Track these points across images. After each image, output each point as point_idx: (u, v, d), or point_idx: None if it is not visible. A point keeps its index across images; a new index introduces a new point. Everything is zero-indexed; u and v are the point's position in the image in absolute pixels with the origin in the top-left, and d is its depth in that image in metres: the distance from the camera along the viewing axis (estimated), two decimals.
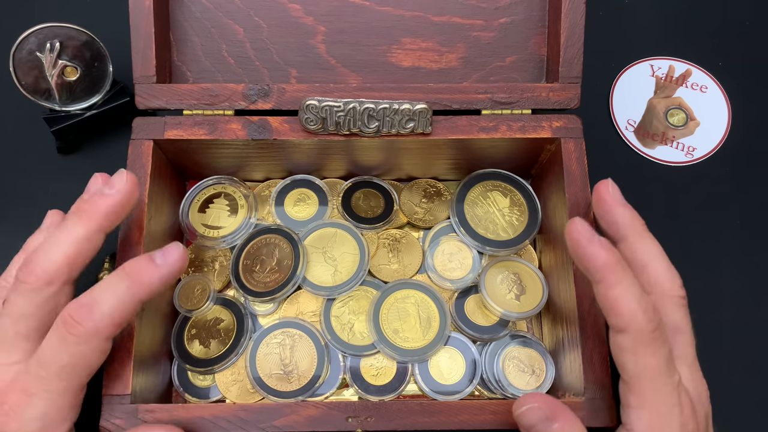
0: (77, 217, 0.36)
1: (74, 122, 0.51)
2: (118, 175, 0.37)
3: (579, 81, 0.45)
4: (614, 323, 0.34)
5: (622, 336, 0.34)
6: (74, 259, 0.35)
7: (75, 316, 0.33)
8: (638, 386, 0.34)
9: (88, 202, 0.37)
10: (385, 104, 0.43)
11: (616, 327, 0.34)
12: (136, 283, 0.35)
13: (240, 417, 0.37)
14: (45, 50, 0.47)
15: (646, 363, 0.34)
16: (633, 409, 0.35)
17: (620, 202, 0.40)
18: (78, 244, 0.35)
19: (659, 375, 0.34)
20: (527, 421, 0.35)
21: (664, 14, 0.62)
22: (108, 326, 0.34)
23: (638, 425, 0.34)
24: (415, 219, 0.49)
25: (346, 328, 0.45)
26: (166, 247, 0.37)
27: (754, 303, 0.52)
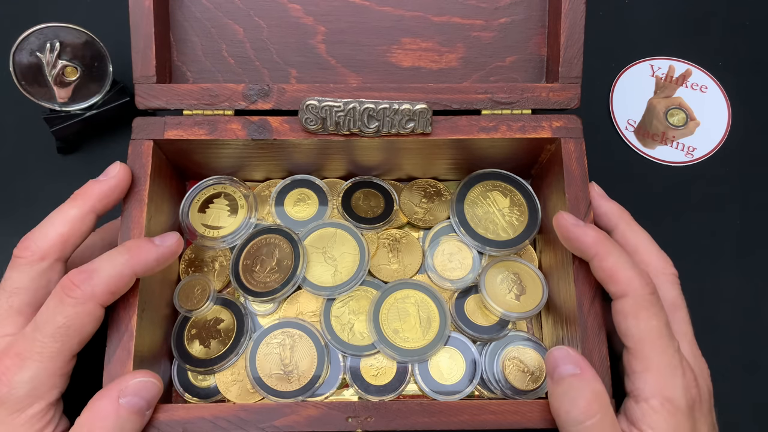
0: (72, 200, 0.39)
1: (74, 122, 0.51)
2: (113, 165, 0.40)
3: (579, 81, 0.45)
4: (614, 290, 0.37)
5: (622, 301, 0.37)
6: (67, 237, 0.38)
7: (74, 280, 0.35)
8: (642, 350, 0.36)
9: (83, 187, 0.40)
10: (385, 104, 0.43)
11: (616, 293, 0.37)
12: (135, 256, 0.37)
13: (240, 417, 0.37)
14: (45, 50, 0.47)
15: (648, 325, 0.36)
16: (638, 374, 0.36)
17: (605, 197, 0.43)
18: (71, 223, 0.38)
19: (660, 337, 0.36)
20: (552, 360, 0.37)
21: (664, 14, 0.62)
22: (104, 292, 0.36)
23: (644, 389, 0.35)
24: (415, 219, 0.49)
25: (346, 328, 0.45)
26: (165, 234, 0.40)
27: (754, 303, 0.52)
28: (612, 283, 0.37)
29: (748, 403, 0.49)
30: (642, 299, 0.36)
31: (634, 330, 0.36)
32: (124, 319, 0.38)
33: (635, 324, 0.36)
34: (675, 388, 0.35)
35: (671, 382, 0.35)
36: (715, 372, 0.40)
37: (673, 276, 0.41)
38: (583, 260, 0.40)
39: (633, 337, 0.36)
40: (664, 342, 0.36)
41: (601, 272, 0.38)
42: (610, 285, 0.37)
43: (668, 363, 0.36)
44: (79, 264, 0.41)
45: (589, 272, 0.40)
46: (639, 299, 0.36)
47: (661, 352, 0.36)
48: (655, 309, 0.36)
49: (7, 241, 0.51)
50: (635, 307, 0.36)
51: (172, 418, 0.37)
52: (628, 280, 0.37)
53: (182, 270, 0.47)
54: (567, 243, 0.40)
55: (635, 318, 0.36)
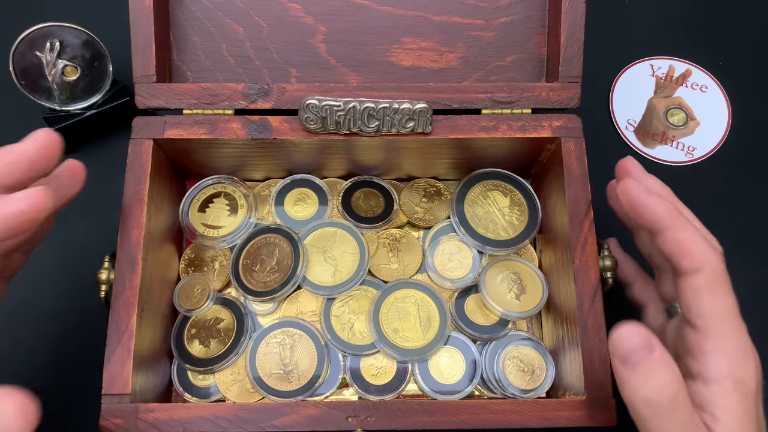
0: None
1: (74, 122, 0.51)
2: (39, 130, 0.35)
3: (579, 81, 0.45)
4: (688, 265, 0.34)
5: (696, 277, 0.34)
6: None
7: None
8: (715, 328, 0.34)
9: None
10: (385, 104, 0.43)
11: (690, 268, 0.34)
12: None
13: (240, 417, 0.37)
14: (45, 50, 0.47)
15: (724, 303, 0.34)
16: (709, 354, 0.33)
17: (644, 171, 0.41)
18: None
19: (735, 316, 0.34)
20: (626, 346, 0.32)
21: (664, 14, 0.62)
22: None
23: (715, 369, 0.33)
24: (415, 219, 0.49)
25: (346, 328, 0.45)
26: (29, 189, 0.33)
27: (754, 303, 0.52)
28: (686, 257, 0.34)
29: None
30: (718, 275, 0.34)
31: (709, 307, 0.34)
32: (124, 319, 0.38)
33: (711, 300, 0.34)
34: (748, 371, 0.33)
35: (744, 364, 0.33)
36: None
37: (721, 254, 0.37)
38: (583, 260, 0.40)
39: (706, 314, 0.34)
40: (738, 322, 0.34)
41: (674, 245, 0.35)
42: (683, 259, 0.34)
43: (742, 344, 0.33)
44: None
45: (589, 272, 0.40)
46: (716, 275, 0.34)
47: (736, 332, 0.34)
48: (729, 287, 0.34)
49: None
50: (711, 282, 0.34)
51: (172, 418, 0.37)
52: (705, 254, 0.34)
53: (182, 270, 0.47)
54: (635, 213, 0.36)
55: (711, 294, 0.34)
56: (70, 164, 0.37)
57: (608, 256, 0.42)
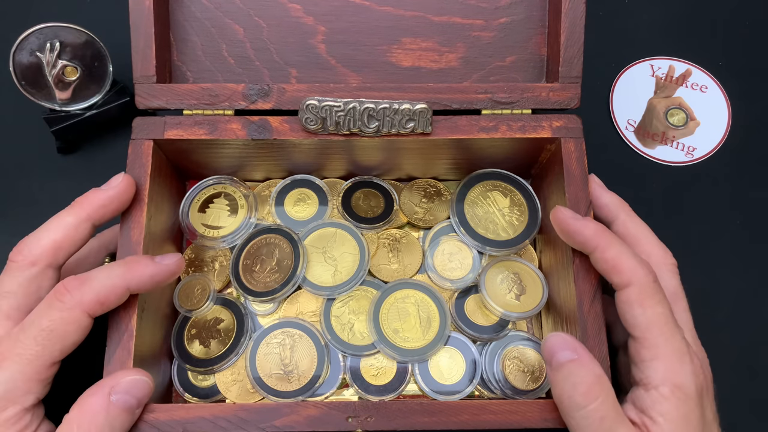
0: (70, 207, 0.39)
1: (74, 122, 0.51)
2: (117, 175, 0.40)
3: (579, 81, 0.45)
4: (618, 281, 0.37)
5: (627, 291, 0.37)
6: (60, 243, 0.38)
7: (67, 285, 0.35)
8: (649, 338, 0.36)
9: (83, 195, 0.39)
10: (385, 104, 0.43)
11: (620, 284, 0.37)
12: (130, 271, 0.37)
13: (240, 417, 0.37)
14: (45, 50, 0.47)
15: (654, 312, 0.36)
16: (647, 362, 0.36)
17: (604, 188, 0.43)
18: (65, 230, 0.38)
19: (667, 324, 0.36)
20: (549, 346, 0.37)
21: (664, 14, 0.62)
22: (92, 301, 0.35)
23: (654, 376, 0.35)
24: (415, 219, 0.49)
25: (346, 328, 0.45)
26: (167, 254, 0.40)
27: (754, 303, 0.52)
28: (615, 273, 0.37)
29: (748, 402, 0.49)
30: (647, 287, 0.36)
31: (641, 318, 0.36)
32: (124, 319, 0.38)
33: (641, 312, 0.36)
34: (684, 375, 0.35)
35: (680, 369, 0.35)
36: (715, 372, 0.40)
37: (672, 265, 0.41)
38: (584, 260, 0.40)
39: (640, 325, 0.36)
40: (670, 329, 0.36)
41: (604, 263, 0.38)
42: (613, 275, 0.37)
43: (677, 350, 0.36)
44: (74, 271, 0.41)
45: (589, 272, 0.40)
46: (644, 287, 0.36)
47: (669, 339, 0.36)
48: (660, 296, 0.37)
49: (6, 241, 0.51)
50: (640, 295, 0.36)
51: (172, 418, 0.37)
52: (632, 269, 0.37)
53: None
54: (566, 237, 0.40)
55: (641, 306, 0.36)
56: None
57: None
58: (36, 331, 0.34)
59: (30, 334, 0.34)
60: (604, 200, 0.43)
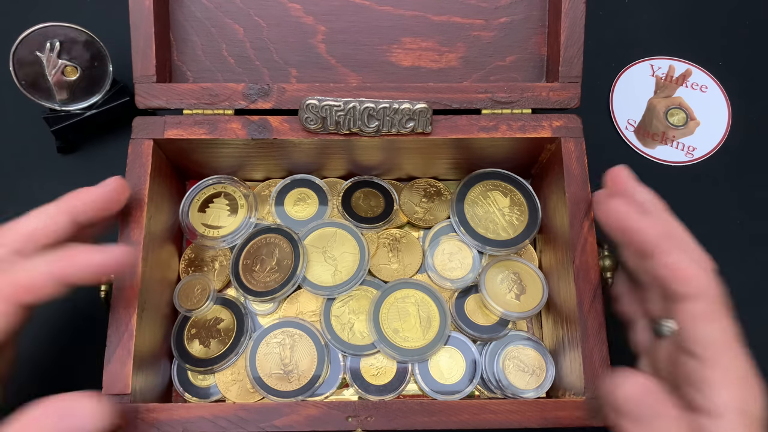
0: (55, 201, 0.38)
1: (74, 122, 0.51)
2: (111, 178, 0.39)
3: (579, 81, 0.45)
4: (682, 291, 0.33)
5: (693, 304, 0.33)
6: (33, 231, 0.36)
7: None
8: (716, 358, 0.32)
9: (72, 191, 0.38)
10: (385, 104, 0.43)
11: (684, 295, 0.33)
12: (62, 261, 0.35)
13: (240, 417, 0.37)
14: (45, 50, 0.47)
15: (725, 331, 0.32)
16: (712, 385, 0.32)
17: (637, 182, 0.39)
18: (43, 219, 0.36)
19: (736, 344, 0.32)
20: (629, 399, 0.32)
21: (664, 14, 0.62)
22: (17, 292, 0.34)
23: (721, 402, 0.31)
24: (415, 219, 0.49)
25: (346, 328, 0.45)
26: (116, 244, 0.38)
27: (754, 303, 0.52)
28: (680, 283, 0.33)
29: None
30: (718, 302, 0.32)
31: (707, 336, 0.32)
32: (124, 319, 0.38)
33: (712, 328, 0.32)
34: (752, 401, 0.32)
35: (748, 394, 0.32)
36: None
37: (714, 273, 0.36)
38: (583, 260, 0.40)
39: (706, 344, 0.32)
40: (739, 351, 0.32)
41: (664, 269, 0.33)
42: (676, 284, 0.33)
43: (744, 373, 0.32)
44: None
45: (589, 272, 0.40)
46: (715, 302, 0.32)
47: (737, 361, 0.32)
48: (728, 313, 0.33)
49: None
50: (711, 310, 0.32)
51: (172, 418, 0.37)
52: (699, 279, 0.33)
53: (182, 270, 0.47)
54: (622, 235, 0.35)
55: (712, 321, 0.32)
56: None
57: (608, 256, 0.42)
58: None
59: None
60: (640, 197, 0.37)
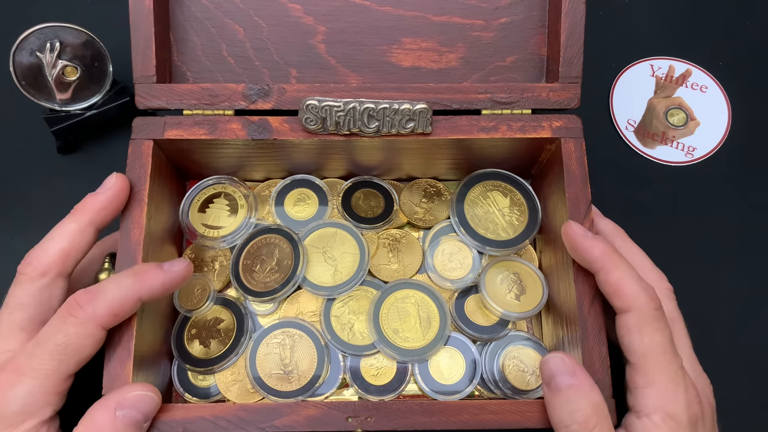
0: (72, 215, 0.39)
1: (74, 122, 0.51)
2: (109, 177, 0.40)
3: (579, 81, 0.45)
4: (618, 305, 0.37)
5: (626, 316, 0.36)
6: (67, 252, 0.38)
7: (79, 300, 0.36)
8: (645, 365, 0.36)
9: (81, 201, 0.40)
10: (385, 104, 0.43)
11: (620, 308, 0.37)
12: (141, 281, 0.37)
13: (240, 417, 0.37)
14: (45, 50, 0.47)
15: (651, 340, 0.36)
16: (640, 389, 0.36)
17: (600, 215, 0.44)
18: (71, 237, 0.38)
19: (664, 353, 0.36)
20: (548, 369, 0.37)
21: (664, 14, 0.62)
22: (106, 314, 0.36)
23: (646, 404, 0.35)
24: (415, 219, 0.49)
25: (346, 328, 0.45)
26: (174, 260, 0.40)
27: (754, 303, 0.52)
28: (617, 297, 0.37)
29: (748, 402, 0.49)
30: (647, 314, 0.36)
31: (637, 345, 0.36)
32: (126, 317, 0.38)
33: (639, 339, 0.36)
34: (677, 405, 0.35)
35: (673, 398, 0.35)
36: (714, 373, 0.40)
37: (668, 290, 0.41)
38: None
39: (636, 352, 0.36)
40: (667, 358, 0.36)
41: (607, 286, 0.37)
42: (614, 299, 0.37)
43: (671, 379, 0.35)
44: (80, 278, 0.41)
45: (590, 273, 0.40)
46: (643, 315, 0.36)
47: (664, 368, 0.35)
48: (659, 324, 0.36)
49: (7, 241, 0.51)
50: (639, 322, 0.36)
51: (172, 418, 0.37)
52: (634, 295, 0.36)
53: None
54: (574, 253, 0.40)
55: (639, 333, 0.36)
56: None
57: None
58: (51, 347, 0.35)
59: (46, 349, 0.35)
60: (599, 227, 0.43)
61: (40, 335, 0.35)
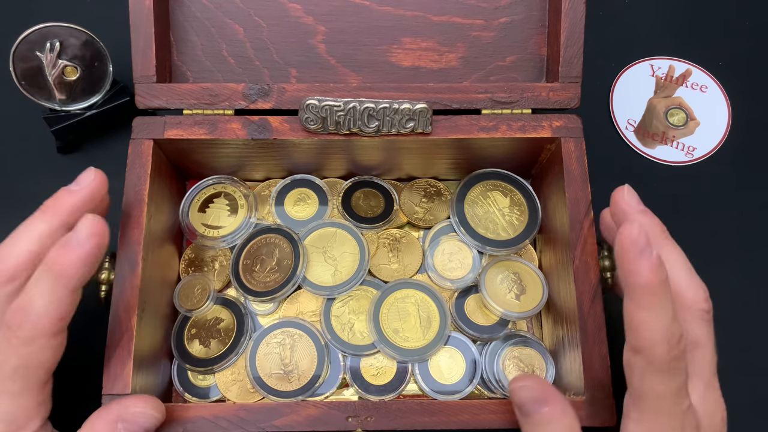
0: (41, 213, 0.36)
1: (74, 122, 0.51)
2: (85, 172, 0.37)
3: (579, 81, 0.45)
4: (632, 342, 0.33)
5: (635, 356, 0.33)
6: (37, 254, 0.34)
7: (13, 320, 0.32)
8: (642, 404, 0.33)
9: (53, 198, 0.36)
10: (385, 104, 0.43)
11: (633, 346, 0.33)
12: (59, 274, 0.33)
13: (240, 417, 0.37)
14: (45, 50, 0.47)
15: (653, 388, 0.33)
16: (633, 421, 0.34)
17: (639, 209, 0.38)
18: (41, 239, 0.35)
19: (665, 400, 0.33)
20: (518, 398, 0.35)
21: (664, 14, 0.62)
22: (47, 324, 0.32)
23: None
24: (415, 219, 0.49)
25: (346, 328, 0.45)
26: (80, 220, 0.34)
27: (754, 303, 0.52)
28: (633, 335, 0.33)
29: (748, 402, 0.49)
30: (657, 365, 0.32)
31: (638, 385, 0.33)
32: (124, 319, 0.38)
33: (640, 381, 0.33)
34: None
35: None
36: None
37: (703, 312, 0.36)
38: (583, 260, 0.40)
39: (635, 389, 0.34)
40: (668, 405, 0.33)
41: (630, 318, 0.33)
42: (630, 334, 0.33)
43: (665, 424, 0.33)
44: None
45: (589, 272, 0.40)
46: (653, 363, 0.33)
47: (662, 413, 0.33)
48: (669, 375, 0.33)
49: None
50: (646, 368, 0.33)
51: (172, 418, 0.37)
52: (652, 343, 0.32)
53: (182, 270, 0.47)
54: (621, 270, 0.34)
55: (641, 377, 0.33)
56: None
57: (608, 256, 0.42)
58: (10, 371, 0.32)
59: (6, 374, 0.32)
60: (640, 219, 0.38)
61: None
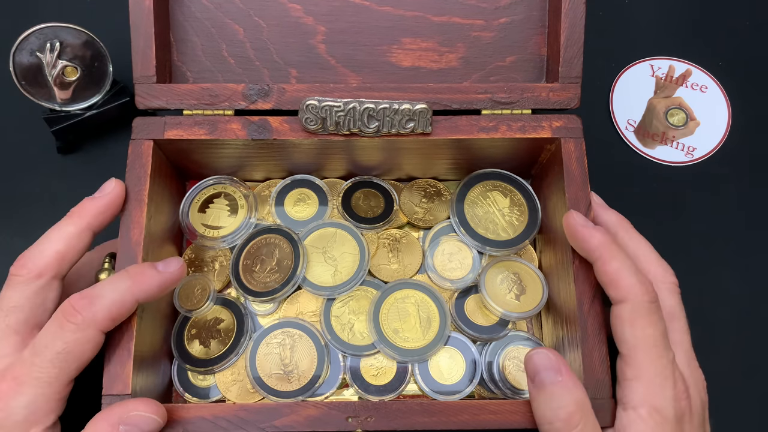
0: (69, 217, 0.39)
1: (74, 122, 0.51)
2: (108, 182, 0.40)
3: (579, 81, 0.45)
4: (614, 295, 0.37)
5: (620, 307, 0.37)
6: (63, 254, 0.38)
7: (76, 305, 0.35)
8: (634, 357, 0.36)
9: (79, 205, 0.40)
10: (385, 104, 0.43)
11: (615, 298, 0.37)
12: (137, 283, 0.37)
13: (240, 417, 0.37)
14: (45, 50, 0.47)
15: (643, 333, 0.36)
16: (628, 381, 0.36)
17: (604, 206, 0.43)
18: (67, 240, 0.38)
19: (655, 346, 0.36)
20: (533, 365, 0.36)
21: (664, 14, 0.62)
22: (105, 318, 0.35)
23: (633, 397, 0.36)
24: (415, 219, 0.49)
25: (346, 328, 0.45)
26: (168, 259, 0.39)
27: (754, 303, 0.52)
28: (612, 287, 0.37)
29: (748, 401, 0.49)
30: (641, 306, 0.36)
31: (629, 336, 0.36)
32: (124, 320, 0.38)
33: (631, 330, 0.36)
34: (664, 399, 0.35)
35: (661, 392, 0.35)
36: (714, 373, 0.40)
37: (672, 284, 0.41)
38: (583, 260, 0.40)
39: (627, 343, 0.36)
40: (657, 351, 0.36)
41: (603, 276, 0.37)
42: (610, 289, 0.37)
43: (659, 373, 0.35)
44: (75, 281, 0.41)
45: (590, 272, 0.40)
46: (638, 306, 0.36)
47: (654, 361, 0.35)
48: (653, 318, 0.36)
49: (7, 242, 0.51)
50: (633, 314, 0.36)
51: (172, 418, 0.37)
52: (629, 286, 0.36)
53: None
54: (573, 242, 0.40)
55: (631, 325, 0.36)
56: None
57: None
58: (51, 355, 0.34)
59: (46, 358, 0.34)
60: (602, 218, 0.43)
61: (38, 342, 0.35)
